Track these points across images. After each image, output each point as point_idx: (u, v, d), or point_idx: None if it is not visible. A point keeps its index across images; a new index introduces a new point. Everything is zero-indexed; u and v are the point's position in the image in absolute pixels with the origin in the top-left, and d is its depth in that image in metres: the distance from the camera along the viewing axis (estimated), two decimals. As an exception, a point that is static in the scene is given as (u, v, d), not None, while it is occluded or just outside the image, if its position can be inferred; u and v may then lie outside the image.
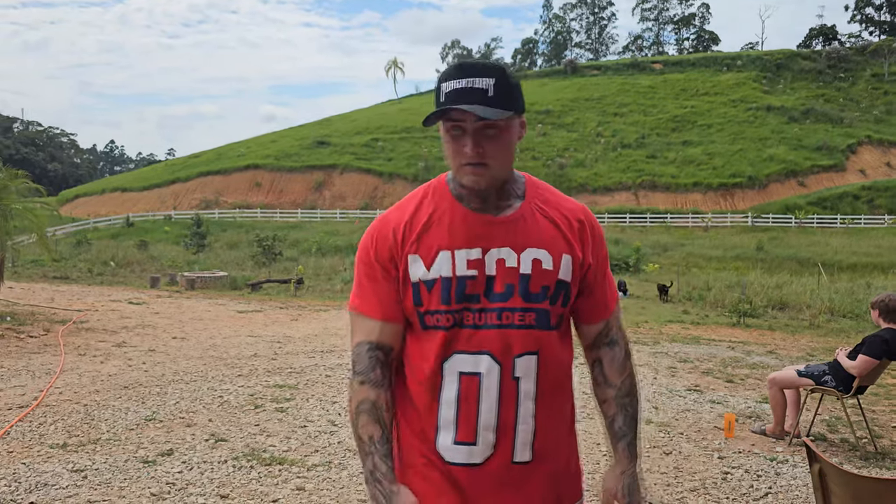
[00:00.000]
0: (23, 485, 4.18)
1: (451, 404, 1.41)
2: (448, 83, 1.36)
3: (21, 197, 11.53)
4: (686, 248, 32.50)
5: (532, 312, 1.41)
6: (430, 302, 1.41)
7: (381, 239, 1.46)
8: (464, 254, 1.41)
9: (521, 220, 1.45)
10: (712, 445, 5.12)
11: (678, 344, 10.61)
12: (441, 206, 1.46)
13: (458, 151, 1.38)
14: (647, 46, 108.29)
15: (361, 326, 1.48)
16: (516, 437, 1.42)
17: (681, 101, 62.45)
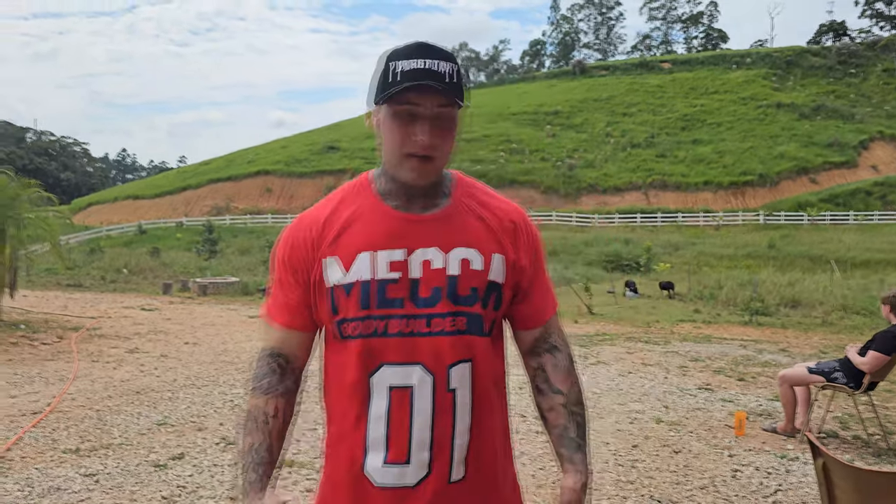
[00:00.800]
0: (36, 489, 4.23)
1: (381, 421, 1.28)
2: (405, 62, 1.24)
3: (34, 206, 11.64)
4: (697, 246, 32.32)
5: (462, 317, 1.30)
6: (347, 309, 1.29)
7: (295, 241, 1.35)
8: (385, 255, 1.29)
9: (448, 218, 1.35)
10: (722, 443, 5.10)
11: (689, 343, 10.57)
12: (362, 204, 1.35)
13: (406, 139, 1.26)
14: (655, 46, 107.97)
15: (265, 334, 1.40)
16: (453, 453, 1.30)
17: (690, 99, 62.16)
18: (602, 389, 7.05)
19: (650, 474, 4.40)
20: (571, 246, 32.58)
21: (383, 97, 1.24)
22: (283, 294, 1.37)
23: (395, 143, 1.27)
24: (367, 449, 1.30)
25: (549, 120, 59.74)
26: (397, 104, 1.25)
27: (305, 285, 1.34)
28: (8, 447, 5.05)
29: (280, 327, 1.37)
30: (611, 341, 10.77)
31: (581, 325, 13.47)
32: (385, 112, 1.27)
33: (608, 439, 5.20)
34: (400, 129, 1.26)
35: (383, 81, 1.26)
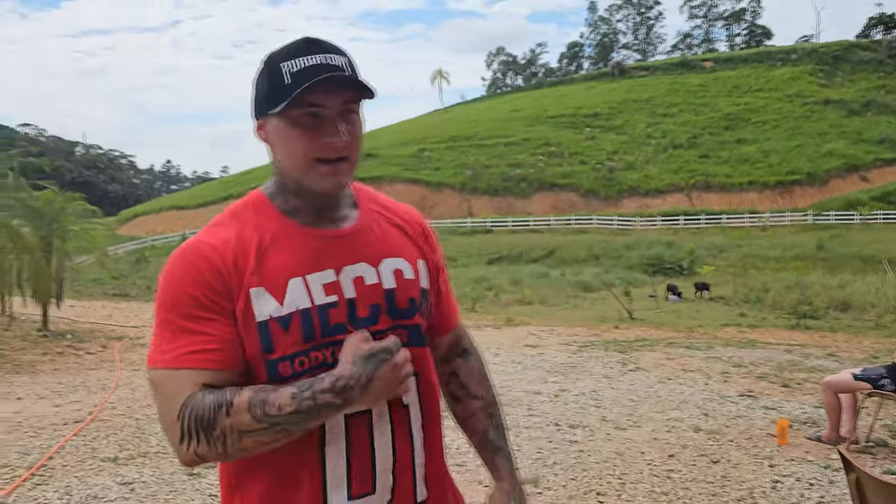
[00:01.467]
0: (74, 497, 4.31)
1: (341, 456, 1.16)
2: (294, 61, 1.11)
3: (79, 219, 11.98)
4: (743, 248, 31.60)
5: (404, 330, 1.22)
6: (285, 344, 1.13)
7: (207, 268, 1.12)
8: (317, 277, 1.16)
9: (367, 229, 1.25)
10: (763, 453, 4.94)
11: (732, 348, 10.32)
12: (268, 226, 1.18)
13: (314, 145, 1.12)
14: (696, 44, 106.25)
15: (184, 382, 1.08)
16: (415, 472, 1.24)
17: (733, 98, 60.93)
18: (640, 397, 6.91)
19: (686, 485, 4.28)
20: (612, 249, 32.20)
21: (279, 105, 1.10)
22: (207, 331, 1.10)
23: (299, 151, 1.13)
24: (328, 490, 1.17)
25: (589, 122, 59.20)
26: (297, 109, 1.10)
27: (231, 318, 1.12)
28: (49, 456, 5.17)
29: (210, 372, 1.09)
30: (651, 347, 10.57)
31: (621, 330, 13.28)
32: (280, 121, 1.13)
33: (644, 449, 5.08)
34: (304, 135, 1.12)
35: (272, 87, 1.12)
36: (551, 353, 10.06)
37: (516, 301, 20.27)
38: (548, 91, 78.15)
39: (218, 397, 1.06)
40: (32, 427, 6.04)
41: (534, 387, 7.52)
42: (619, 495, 4.13)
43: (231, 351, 1.12)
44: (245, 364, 1.14)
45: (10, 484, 4.55)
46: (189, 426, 1.06)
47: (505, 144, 55.14)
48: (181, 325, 1.10)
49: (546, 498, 4.11)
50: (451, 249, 35.83)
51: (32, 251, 10.59)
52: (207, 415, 1.05)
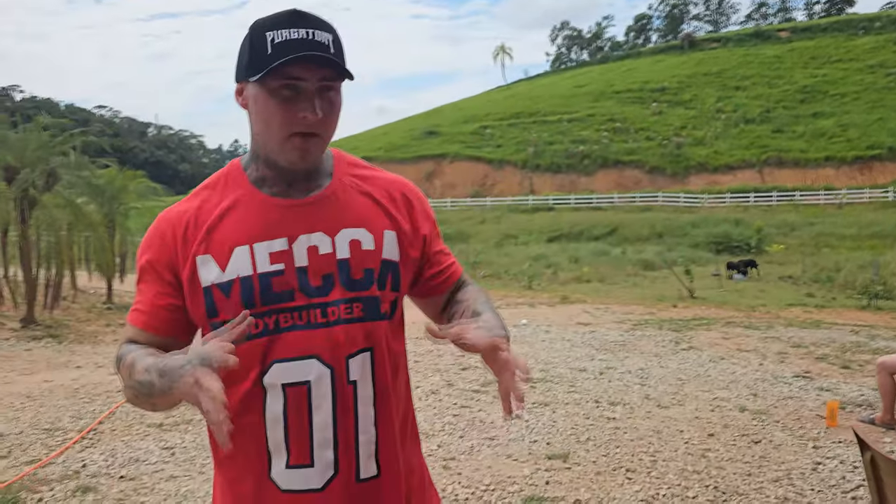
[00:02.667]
0: (118, 460, 4.49)
1: (279, 423, 1.18)
2: (278, 31, 1.10)
3: (140, 196, 12.39)
4: (816, 227, 30.33)
5: (359, 302, 1.21)
6: (227, 309, 1.16)
7: (160, 238, 1.21)
8: (265, 247, 1.18)
9: (331, 198, 1.24)
10: (810, 434, 4.74)
11: (794, 328, 9.94)
12: (234, 195, 1.22)
13: (289, 118, 1.12)
14: (772, 14, 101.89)
15: (125, 333, 1.25)
16: (359, 450, 1.22)
17: (810, 70, 58.19)
18: (688, 376, 6.73)
19: (720, 464, 4.13)
20: (677, 227, 31.42)
21: (258, 73, 1.10)
22: (145, 295, 1.22)
23: (275, 123, 1.14)
24: (270, 454, 1.20)
25: (656, 97, 57.63)
26: (276, 80, 1.11)
27: (170, 287, 1.20)
28: (100, 421, 5.39)
29: (138, 330, 1.22)
30: (707, 326, 10.28)
31: (679, 309, 12.96)
32: (259, 89, 1.13)
33: (683, 427, 4.94)
34: (280, 107, 1.13)
35: (254, 54, 1.12)
36: (602, 330, 9.90)
37: (574, 279, 20.02)
38: (613, 65, 76.40)
39: (125, 350, 1.19)
40: (88, 394, 6.32)
41: (580, 364, 7.41)
42: (650, 472, 4.03)
43: (156, 316, 1.21)
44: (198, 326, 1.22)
45: (63, 446, 4.77)
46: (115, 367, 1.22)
47: (568, 121, 54.31)
48: (138, 284, 1.25)
49: (573, 473, 4.05)
50: (511, 227, 35.69)
51: (96, 227, 11.05)
52: (116, 361, 1.21)
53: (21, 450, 4.70)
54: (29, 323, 10.41)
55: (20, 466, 4.35)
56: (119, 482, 4.07)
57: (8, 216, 10.76)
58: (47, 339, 9.71)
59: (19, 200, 10.53)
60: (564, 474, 4.04)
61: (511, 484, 3.92)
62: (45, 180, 10.86)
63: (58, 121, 12.00)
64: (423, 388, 6.28)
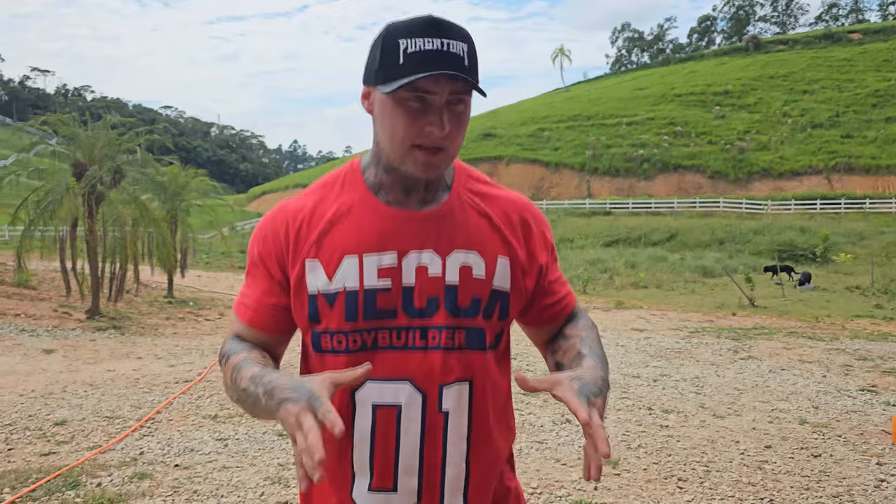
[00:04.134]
0: (173, 449, 4.60)
1: (365, 443, 1.15)
2: (413, 40, 1.06)
3: (201, 194, 12.71)
4: (887, 236, 29.07)
5: (462, 331, 1.14)
6: (329, 320, 1.14)
7: (273, 233, 1.18)
8: (374, 260, 1.14)
9: (447, 215, 1.18)
10: (874, 450, 4.53)
11: (861, 340, 9.55)
12: (351, 198, 1.18)
13: (414, 130, 1.08)
14: (843, 15, 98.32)
15: (231, 325, 1.25)
16: (444, 482, 1.16)
17: (884, 73, 55.85)
18: (746, 386, 6.53)
19: (777, 477, 3.99)
20: (739, 234, 30.59)
21: (387, 84, 1.07)
22: (252, 290, 1.21)
23: (398, 134, 1.09)
24: (354, 473, 1.17)
25: (719, 100, 56.22)
26: (406, 90, 1.06)
27: (278, 285, 1.18)
28: (157, 410, 5.55)
29: (244, 325, 1.21)
30: (768, 336, 9.97)
31: (738, 317, 12.62)
32: (386, 97, 1.09)
33: (739, 438, 4.80)
34: (407, 118, 1.08)
35: (384, 62, 1.08)
36: (658, 337, 9.71)
37: (630, 284, 19.70)
38: (675, 68, 74.91)
39: (230, 348, 1.19)
40: (147, 384, 6.52)
41: (633, 370, 7.28)
42: (702, 482, 3.92)
43: (262, 313, 1.19)
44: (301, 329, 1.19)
45: (122, 433, 4.92)
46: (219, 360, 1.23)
47: (628, 124, 53.46)
48: (246, 277, 1.23)
49: (623, 480, 3.97)
50: (567, 230, 35.31)
51: (159, 223, 11.39)
52: (221, 357, 1.21)
53: (83, 435, 4.87)
54: (94, 314, 10.81)
55: (82, 451, 4.51)
56: (174, 470, 4.17)
57: (77, 211, 11.19)
58: (111, 330, 10.07)
59: (87, 196, 10.94)
60: (613, 480, 3.96)
61: (559, 488, 3.86)
62: (111, 177, 11.27)
63: (125, 120, 12.42)
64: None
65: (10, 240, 23.24)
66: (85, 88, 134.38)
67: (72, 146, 11.52)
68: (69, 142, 11.63)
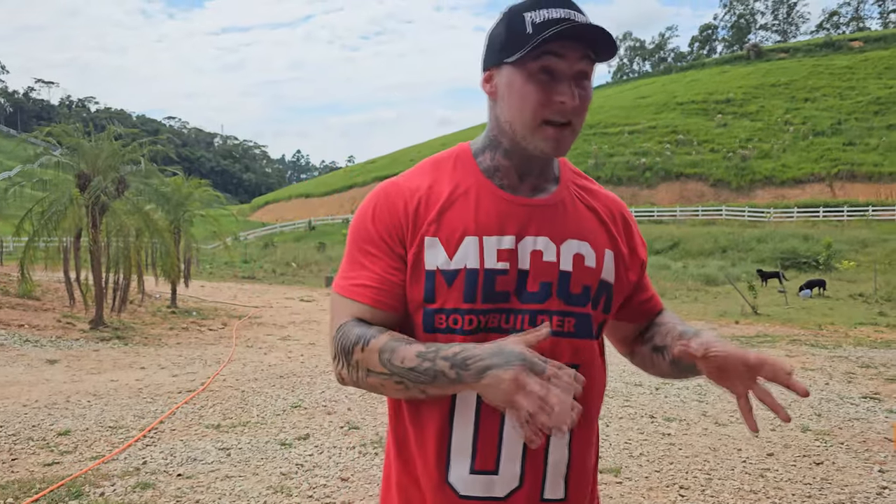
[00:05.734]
0: (176, 458, 4.61)
1: (468, 426, 1.13)
2: (538, 11, 1.07)
3: (204, 204, 12.77)
4: (890, 243, 29.01)
5: (572, 317, 1.15)
6: (446, 298, 1.12)
7: (390, 210, 1.17)
8: (494, 241, 1.13)
9: (559, 205, 1.19)
10: (876, 458, 4.53)
11: (864, 348, 9.55)
12: (466, 181, 1.18)
13: (545, 102, 1.08)
14: (844, 23, 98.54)
15: (344, 309, 1.17)
16: (547, 467, 1.16)
17: (885, 80, 55.91)
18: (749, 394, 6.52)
19: (779, 485, 3.99)
20: (742, 242, 30.57)
21: (518, 51, 1.06)
22: (372, 268, 1.16)
23: (529, 108, 1.09)
24: (451, 456, 1.14)
25: (720, 108, 56.32)
26: (535, 61, 1.07)
27: (400, 261, 1.15)
28: (160, 420, 5.56)
29: (366, 306, 1.15)
30: (771, 343, 9.98)
31: (742, 325, 12.62)
32: (514, 72, 1.10)
33: (741, 446, 4.80)
34: (537, 91, 1.08)
35: (512, 36, 1.09)
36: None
37: (632, 293, 19.67)
38: (677, 76, 75.10)
39: (362, 331, 1.12)
40: (151, 394, 6.53)
41: (635, 378, 7.29)
42: (704, 490, 3.92)
43: (388, 292, 1.14)
44: (408, 309, 1.16)
45: (125, 443, 4.93)
46: (338, 348, 1.14)
47: (630, 132, 53.54)
48: (356, 257, 1.18)
49: (624, 488, 3.97)
50: (569, 240, 35.30)
51: (162, 233, 11.45)
52: (349, 344, 1.12)
53: (86, 445, 4.89)
54: (98, 324, 10.84)
55: (85, 461, 4.52)
56: (177, 480, 4.18)
57: (80, 221, 11.24)
58: (114, 341, 10.09)
59: (91, 207, 10.99)
60: (615, 488, 3.97)
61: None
62: (115, 187, 11.32)
63: (129, 130, 12.50)
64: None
65: (14, 251, 23.32)
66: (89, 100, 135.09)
67: (76, 157, 11.59)
68: (73, 153, 11.70)
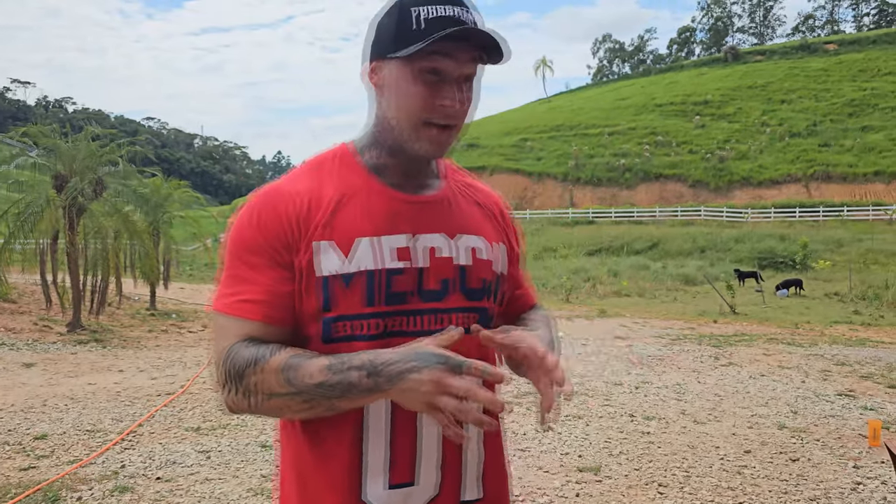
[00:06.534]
0: (155, 462, 4.58)
1: (381, 439, 1.08)
2: (428, 7, 1.03)
3: (183, 206, 12.67)
4: (864, 243, 29.49)
5: (474, 313, 1.13)
6: (346, 304, 1.06)
7: (275, 216, 1.07)
8: (389, 241, 1.09)
9: (448, 201, 1.17)
10: (850, 454, 4.61)
11: (839, 346, 9.70)
12: (353, 181, 1.12)
13: (430, 103, 1.05)
14: (819, 26, 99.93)
15: (230, 330, 1.06)
16: (465, 470, 1.13)
17: (859, 83, 56.80)
18: (727, 392, 6.61)
19: (756, 482, 4.05)
20: (720, 242, 30.90)
21: (409, 47, 1.02)
22: (256, 281, 1.06)
23: (414, 108, 1.06)
24: (366, 473, 1.08)
25: (699, 110, 56.84)
26: (423, 58, 1.03)
27: (289, 271, 1.07)
28: (139, 423, 5.52)
29: (255, 322, 1.05)
30: (749, 342, 10.09)
31: (720, 325, 12.75)
32: (402, 69, 1.05)
33: (719, 443, 4.86)
34: (423, 91, 1.05)
35: (402, 29, 1.04)
36: (640, 345, 9.78)
37: (613, 293, 19.83)
38: (656, 78, 75.68)
39: (255, 352, 1.02)
40: (129, 397, 6.48)
41: (615, 378, 7.34)
42: (682, 488, 3.97)
43: (279, 305, 1.06)
44: (301, 321, 1.08)
45: (103, 447, 4.89)
46: (227, 374, 1.03)
47: (609, 134, 53.88)
48: (238, 271, 1.07)
49: (604, 486, 4.01)
50: (551, 240, 35.47)
51: (141, 235, 11.35)
52: (241, 367, 1.02)
53: (63, 449, 4.84)
54: (75, 327, 10.72)
55: (62, 465, 4.47)
56: (155, 483, 4.15)
57: (58, 223, 11.11)
58: (92, 344, 9.99)
59: (68, 208, 10.87)
60: (595, 487, 4.00)
61: (541, 495, 3.89)
62: (93, 189, 11.20)
63: (107, 131, 12.38)
64: (456, 398, 6.29)
65: (-12, 253, 22.95)
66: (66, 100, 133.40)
67: (52, 158, 11.46)
68: (50, 154, 11.57)
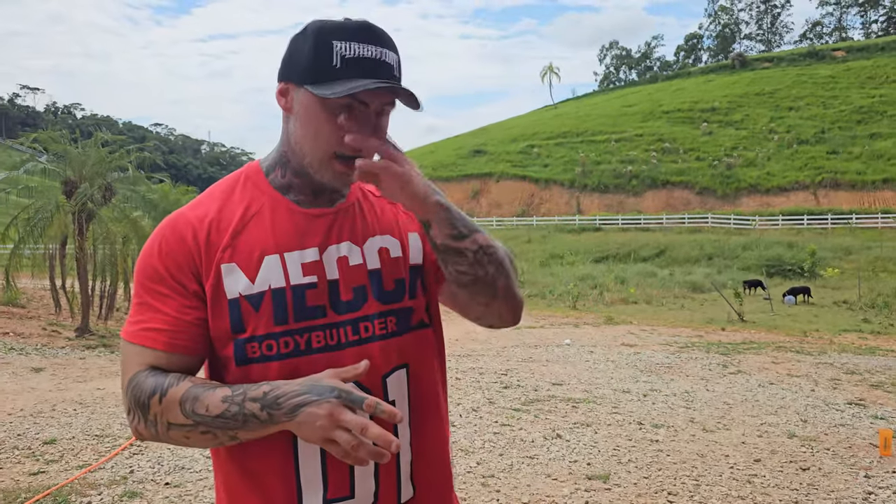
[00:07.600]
0: (164, 467, 4.59)
1: (314, 456, 1.07)
2: (349, 44, 1.03)
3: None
4: (873, 251, 29.33)
5: (393, 316, 1.13)
6: (256, 324, 1.06)
7: (178, 243, 1.07)
8: (296, 256, 1.09)
9: (354, 207, 1.17)
10: (861, 464, 4.58)
11: (848, 354, 9.64)
12: (258, 199, 1.13)
13: (339, 138, 1.05)
14: (827, 33, 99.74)
15: (135, 358, 1.06)
16: (399, 474, 1.14)
17: (867, 90, 56.62)
18: (736, 400, 6.57)
19: (766, 491, 4.03)
20: (728, 250, 30.79)
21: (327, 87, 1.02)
22: (159, 310, 1.06)
23: (323, 141, 1.06)
24: (301, 492, 1.08)
25: (706, 117, 56.78)
26: (338, 99, 1.03)
27: (193, 298, 1.07)
28: (148, 428, 5.52)
29: (159, 352, 1.05)
30: (757, 350, 10.04)
31: (728, 332, 12.69)
32: (313, 100, 1.05)
33: (728, 452, 4.83)
34: (334, 127, 1.05)
35: (319, 62, 1.03)
36: (648, 352, 9.75)
37: (620, 300, 19.77)
38: (663, 85, 75.68)
39: (158, 381, 1.02)
40: (138, 402, 6.48)
41: (623, 385, 7.31)
42: (692, 496, 3.95)
43: (183, 333, 1.06)
44: (216, 343, 1.08)
45: (112, 452, 4.90)
46: (132, 402, 1.04)
47: (616, 140, 53.87)
48: (144, 299, 1.08)
49: (613, 494, 3.99)
50: (557, 246, 35.44)
51: (150, 240, 11.39)
52: (144, 396, 1.02)
53: (73, 454, 4.85)
54: (84, 332, 10.76)
55: (71, 470, 4.48)
56: (164, 489, 4.16)
57: (67, 229, 11.17)
58: (100, 349, 10.02)
59: (77, 214, 10.92)
60: (604, 495, 3.98)
61: (550, 503, 3.88)
62: (102, 194, 11.26)
63: (116, 137, 12.47)
64: (464, 405, 6.27)
65: (-3, 258, 23.12)
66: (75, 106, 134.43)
67: (62, 164, 11.53)
68: (59, 159, 11.65)
